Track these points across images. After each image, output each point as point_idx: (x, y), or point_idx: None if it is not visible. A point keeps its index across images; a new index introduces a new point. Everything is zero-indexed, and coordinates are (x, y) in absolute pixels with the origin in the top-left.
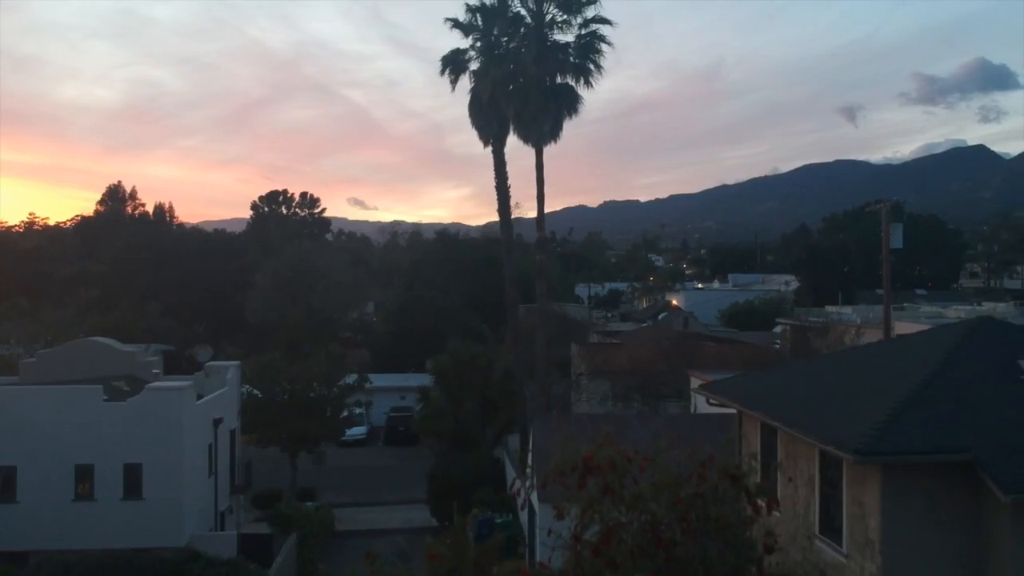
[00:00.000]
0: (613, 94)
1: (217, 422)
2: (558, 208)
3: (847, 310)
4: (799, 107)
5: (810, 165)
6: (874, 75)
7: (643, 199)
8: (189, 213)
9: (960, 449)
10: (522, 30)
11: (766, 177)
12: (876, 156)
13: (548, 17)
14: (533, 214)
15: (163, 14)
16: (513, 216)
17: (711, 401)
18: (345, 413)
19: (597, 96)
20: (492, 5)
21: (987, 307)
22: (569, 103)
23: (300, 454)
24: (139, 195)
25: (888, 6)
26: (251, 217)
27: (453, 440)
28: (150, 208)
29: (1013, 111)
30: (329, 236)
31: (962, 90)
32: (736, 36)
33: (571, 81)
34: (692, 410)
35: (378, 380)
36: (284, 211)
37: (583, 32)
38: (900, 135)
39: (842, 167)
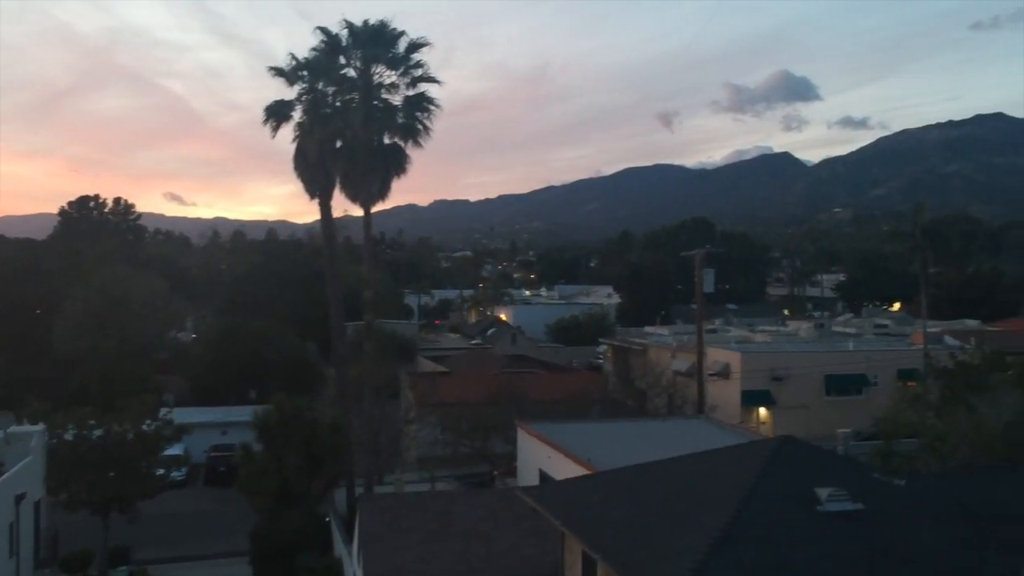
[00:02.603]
0: (443, 92)
1: (19, 498)
2: (388, 207)
3: (664, 331)
4: (621, 111)
5: (631, 168)
6: (689, 83)
7: (473, 199)
8: None
9: None
10: (350, 91)
11: (591, 179)
12: (691, 161)
13: (376, 78)
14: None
15: None
16: (344, 213)
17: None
18: (161, 471)
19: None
20: (318, 60)
21: (791, 326)
22: (398, 163)
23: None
24: None
25: (703, 18)
26: (59, 222)
27: (277, 497)
28: None
29: (814, 120)
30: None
31: (768, 100)
32: (563, 40)
33: (400, 141)
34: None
35: (197, 415)
36: (95, 215)
37: (411, 93)
38: (713, 141)
39: (661, 171)
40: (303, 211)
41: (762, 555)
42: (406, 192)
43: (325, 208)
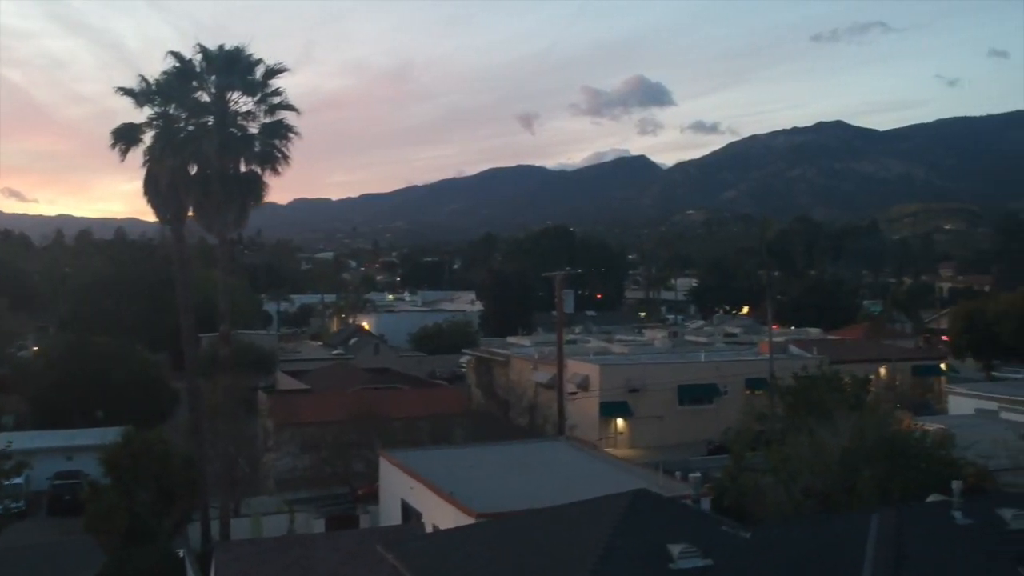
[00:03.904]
0: (302, 88)
1: None
2: None
3: (526, 342)
4: (483, 112)
5: (494, 169)
6: (549, 86)
7: (335, 198)
8: None
9: None
10: (204, 117)
11: (453, 179)
12: (552, 162)
13: (232, 105)
14: None
15: None
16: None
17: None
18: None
19: (286, 87)
20: (171, 84)
21: (648, 335)
22: (255, 192)
23: None
24: None
25: (563, 22)
26: None
27: (127, 536)
28: None
29: (668, 125)
30: None
31: (625, 104)
32: (425, 39)
33: (257, 169)
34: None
35: (39, 439)
36: None
37: (269, 121)
38: (572, 143)
39: (522, 171)
40: None
41: None
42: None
43: (177, 234)
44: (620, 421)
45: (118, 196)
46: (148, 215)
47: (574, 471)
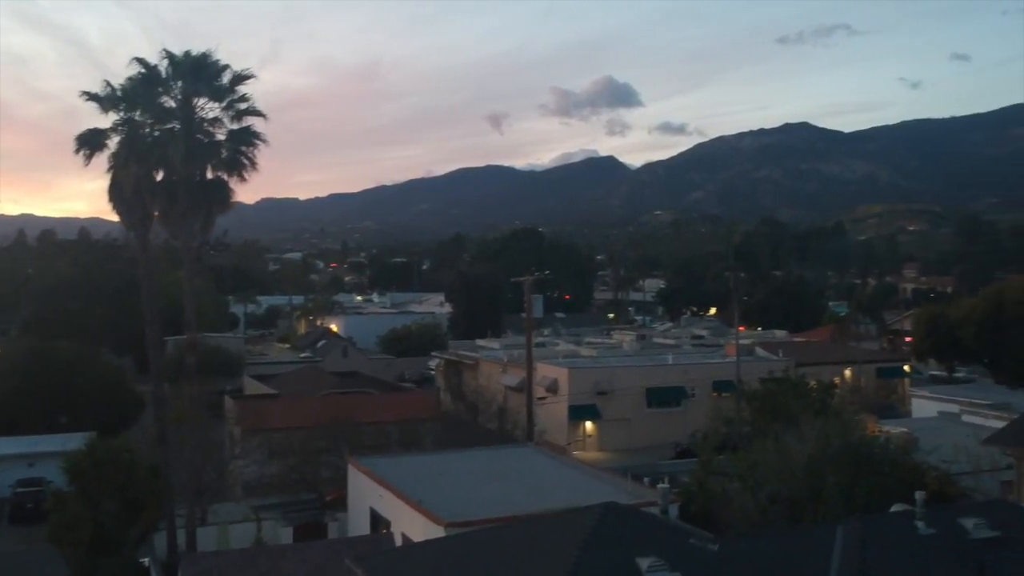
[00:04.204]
0: (269, 86)
1: None
2: None
3: (495, 344)
4: (452, 112)
5: (463, 169)
6: (518, 86)
7: (303, 197)
8: None
9: None
10: (170, 123)
11: (422, 179)
12: (521, 162)
13: (198, 112)
14: None
15: None
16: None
17: None
18: None
19: (252, 89)
20: (136, 91)
21: (616, 337)
22: (221, 199)
23: None
24: None
25: (531, 23)
26: None
27: (91, 546)
28: None
29: (636, 126)
30: None
31: (593, 105)
32: (393, 38)
33: (224, 175)
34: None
35: (0, 446)
36: None
37: (236, 127)
38: (541, 144)
39: (492, 172)
40: None
41: None
42: None
43: (142, 240)
44: (589, 424)
45: (82, 195)
46: (112, 215)
47: (543, 478)
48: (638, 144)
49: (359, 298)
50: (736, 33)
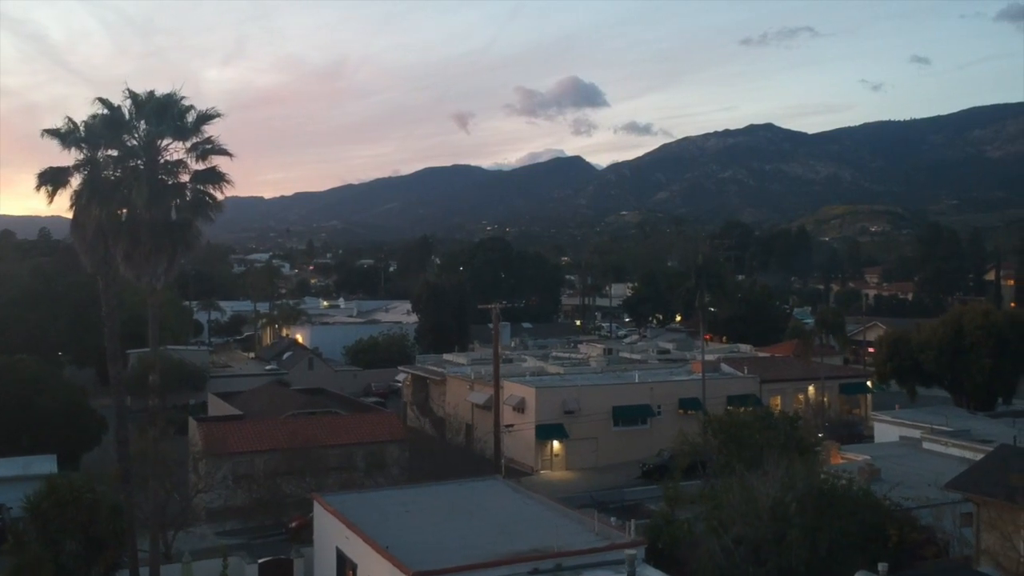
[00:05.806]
0: (233, 84)
1: None
2: None
3: (462, 359)
4: (418, 111)
5: (430, 168)
6: (484, 86)
7: (268, 196)
8: None
9: None
10: (133, 164)
11: (389, 178)
12: (488, 162)
13: (163, 153)
14: None
15: None
16: None
17: None
18: None
19: (216, 87)
20: (98, 130)
21: (583, 351)
22: (186, 241)
23: None
24: None
25: (497, 22)
26: None
27: None
28: None
29: (602, 126)
30: None
31: (559, 104)
32: (359, 36)
33: (189, 217)
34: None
35: None
36: None
37: (201, 168)
38: (508, 143)
39: (458, 171)
40: None
41: None
42: None
43: (106, 282)
44: (556, 443)
45: (43, 194)
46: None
47: (510, 515)
48: (604, 144)
49: (325, 303)
50: (701, 35)
